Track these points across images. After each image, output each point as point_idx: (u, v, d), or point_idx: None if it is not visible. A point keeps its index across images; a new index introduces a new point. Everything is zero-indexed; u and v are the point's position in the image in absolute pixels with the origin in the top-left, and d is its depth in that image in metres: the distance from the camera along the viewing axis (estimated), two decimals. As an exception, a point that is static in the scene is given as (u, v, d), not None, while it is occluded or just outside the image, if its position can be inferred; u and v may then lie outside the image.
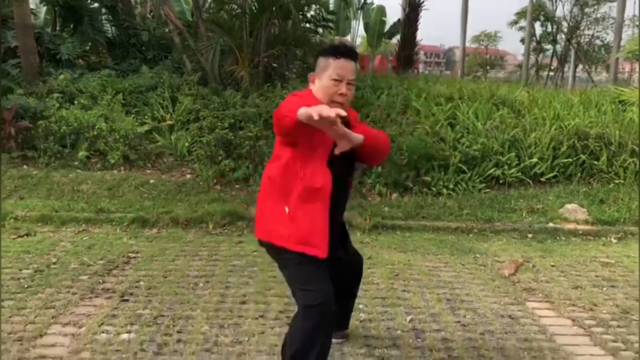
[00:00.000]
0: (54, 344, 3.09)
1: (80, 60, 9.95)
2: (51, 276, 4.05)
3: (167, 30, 11.18)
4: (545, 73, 28.12)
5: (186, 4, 16.37)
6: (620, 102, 8.64)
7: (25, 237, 4.97)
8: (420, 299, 3.88)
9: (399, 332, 3.35)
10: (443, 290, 4.05)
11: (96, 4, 11.41)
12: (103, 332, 3.22)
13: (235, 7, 8.88)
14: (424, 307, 3.74)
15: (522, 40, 25.76)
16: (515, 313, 3.70)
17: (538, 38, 27.16)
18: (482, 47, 40.61)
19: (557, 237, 5.51)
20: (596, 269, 4.64)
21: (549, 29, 26.56)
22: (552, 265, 4.69)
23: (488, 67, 37.30)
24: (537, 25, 26.45)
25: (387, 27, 23.48)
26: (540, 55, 29.37)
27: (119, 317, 3.42)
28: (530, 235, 5.52)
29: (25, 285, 3.87)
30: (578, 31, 25.29)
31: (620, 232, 5.60)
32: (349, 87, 2.42)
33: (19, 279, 3.99)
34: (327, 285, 2.41)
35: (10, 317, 3.39)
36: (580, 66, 26.74)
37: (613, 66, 17.38)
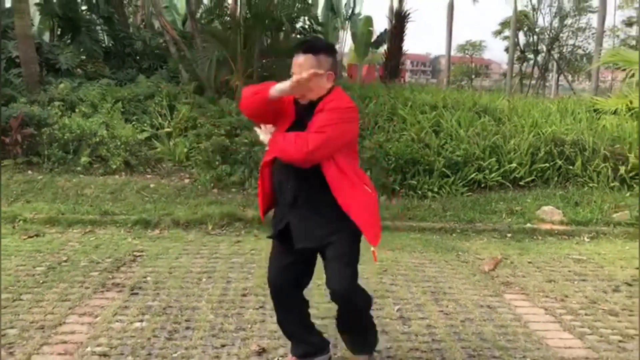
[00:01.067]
0: (73, 331, 3.34)
1: (78, 70, 10.20)
2: (63, 272, 4.31)
3: (161, 40, 11.46)
4: (529, 82, 28.70)
5: (177, 14, 16.66)
6: (594, 110, 9.07)
7: (35, 237, 5.23)
8: (407, 291, 4.18)
9: (387, 320, 3.64)
10: (428, 284, 4.35)
11: (93, 15, 11.65)
12: (117, 321, 3.48)
13: (230, 19, 9.22)
14: (410, 298, 4.04)
15: (507, 50, 26.28)
16: (493, 303, 4.00)
17: (522, 48, 27.71)
18: (468, 55, 41.23)
19: (534, 237, 5.86)
20: (569, 265, 4.97)
21: (532, 39, 27.15)
22: (529, 262, 5.02)
23: (473, 76, 37.86)
24: (521, 34, 27.04)
25: (374, 37, 23.86)
26: (525, 64, 29.91)
27: (131, 308, 3.68)
28: (509, 235, 5.87)
29: (41, 281, 4.12)
30: (558, 42, 25.89)
31: (593, 232, 5.97)
32: None
33: (33, 275, 4.24)
34: (275, 270, 2.87)
35: (30, 308, 3.64)
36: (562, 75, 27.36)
37: (594, 75, 17.83)
